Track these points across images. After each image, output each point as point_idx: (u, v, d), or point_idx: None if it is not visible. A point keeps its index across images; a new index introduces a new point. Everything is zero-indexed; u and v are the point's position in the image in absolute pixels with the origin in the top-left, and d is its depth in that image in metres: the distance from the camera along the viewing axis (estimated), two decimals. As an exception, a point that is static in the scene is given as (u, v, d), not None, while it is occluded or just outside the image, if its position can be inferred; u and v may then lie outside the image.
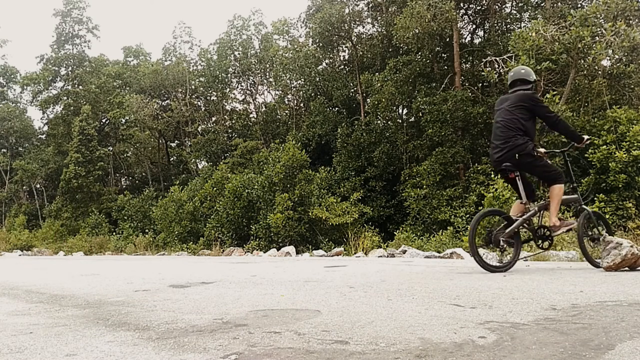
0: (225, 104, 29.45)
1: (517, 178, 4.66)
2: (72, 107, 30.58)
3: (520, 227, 4.64)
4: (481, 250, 5.16)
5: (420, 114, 17.59)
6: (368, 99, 20.14)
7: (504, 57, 13.59)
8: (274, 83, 26.53)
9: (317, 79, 23.32)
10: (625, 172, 10.91)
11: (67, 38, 32.11)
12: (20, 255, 20.32)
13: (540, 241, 4.76)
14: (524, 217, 4.63)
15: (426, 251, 10.14)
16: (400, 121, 20.05)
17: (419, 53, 18.32)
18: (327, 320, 2.48)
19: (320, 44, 21.52)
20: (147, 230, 20.77)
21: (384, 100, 17.87)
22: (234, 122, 28.70)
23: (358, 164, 18.81)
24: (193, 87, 29.03)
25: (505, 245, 4.55)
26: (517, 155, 4.50)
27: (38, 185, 33.94)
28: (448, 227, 13.46)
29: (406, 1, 16.59)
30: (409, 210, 16.15)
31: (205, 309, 2.99)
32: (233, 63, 26.87)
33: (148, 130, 28.88)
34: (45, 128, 34.90)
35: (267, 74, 27.25)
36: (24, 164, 32.12)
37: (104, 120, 32.94)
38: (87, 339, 2.25)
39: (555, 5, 16.22)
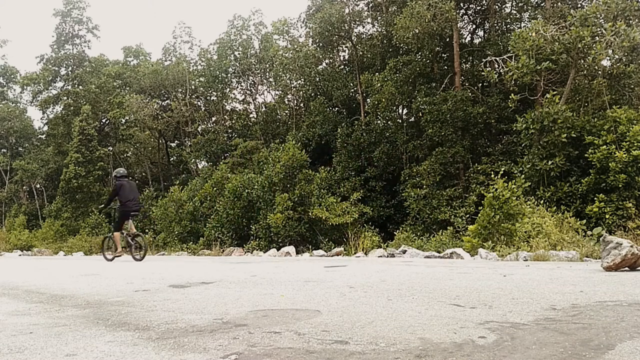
0: (225, 104, 29.40)
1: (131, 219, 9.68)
2: (72, 107, 30.55)
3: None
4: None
5: (420, 114, 17.57)
6: (368, 99, 20.12)
7: (504, 57, 13.57)
8: (274, 83, 26.48)
9: (317, 79, 23.27)
10: (625, 172, 10.90)
11: (67, 38, 32.09)
12: (20, 255, 20.30)
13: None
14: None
15: (426, 251, 10.14)
16: (400, 121, 20.03)
17: (419, 53, 18.30)
18: (327, 320, 2.48)
19: (320, 44, 21.50)
20: (147, 230, 20.75)
21: (384, 100, 17.86)
22: (234, 122, 28.64)
23: (358, 164, 18.80)
24: (193, 87, 28.97)
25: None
26: (141, 208, 10.47)
27: (38, 185, 33.92)
28: (448, 227, 13.46)
29: (406, 1, 16.57)
30: (409, 210, 16.14)
31: (205, 309, 2.99)
32: (233, 63, 26.83)
33: (148, 130, 28.82)
34: (45, 128, 34.87)
35: (267, 74, 27.20)
36: (24, 164, 32.10)
37: (104, 120, 32.90)
38: (87, 339, 2.25)
39: (555, 5, 16.20)
